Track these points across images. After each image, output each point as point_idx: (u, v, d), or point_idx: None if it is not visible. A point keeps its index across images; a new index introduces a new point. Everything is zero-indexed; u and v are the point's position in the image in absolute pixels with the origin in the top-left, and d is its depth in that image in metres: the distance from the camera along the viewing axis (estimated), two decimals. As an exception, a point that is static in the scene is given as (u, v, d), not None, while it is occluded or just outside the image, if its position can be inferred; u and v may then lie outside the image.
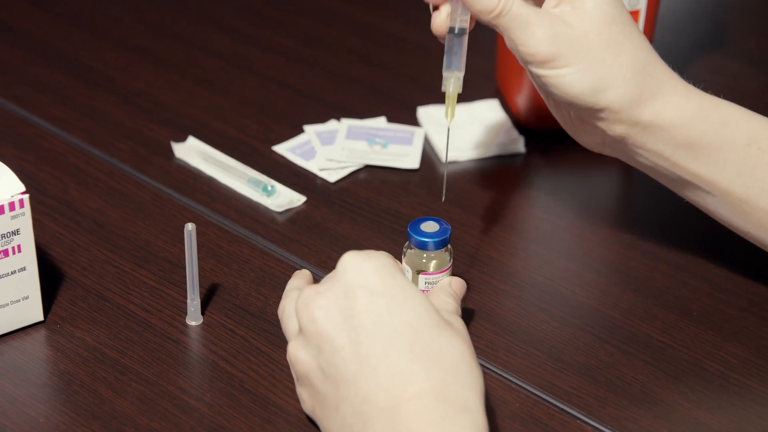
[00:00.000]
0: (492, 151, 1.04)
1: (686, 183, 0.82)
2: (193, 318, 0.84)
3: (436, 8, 0.80)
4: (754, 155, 0.79)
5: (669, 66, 0.81)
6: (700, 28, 1.31)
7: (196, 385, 0.78)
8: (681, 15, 1.32)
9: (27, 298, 0.81)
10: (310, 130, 1.06)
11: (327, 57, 1.20)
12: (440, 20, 0.80)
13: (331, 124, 1.07)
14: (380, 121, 1.08)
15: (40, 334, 0.82)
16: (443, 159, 1.03)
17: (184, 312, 0.84)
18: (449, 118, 0.82)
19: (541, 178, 1.03)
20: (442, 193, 0.87)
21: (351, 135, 1.05)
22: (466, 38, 0.81)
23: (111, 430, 0.75)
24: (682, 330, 0.85)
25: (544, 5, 0.79)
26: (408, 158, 1.02)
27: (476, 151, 1.04)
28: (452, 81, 0.81)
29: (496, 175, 1.02)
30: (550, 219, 0.97)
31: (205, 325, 0.84)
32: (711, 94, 0.81)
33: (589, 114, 0.80)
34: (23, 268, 0.80)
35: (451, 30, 0.80)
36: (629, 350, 0.83)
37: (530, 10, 0.78)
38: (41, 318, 0.83)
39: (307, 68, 1.17)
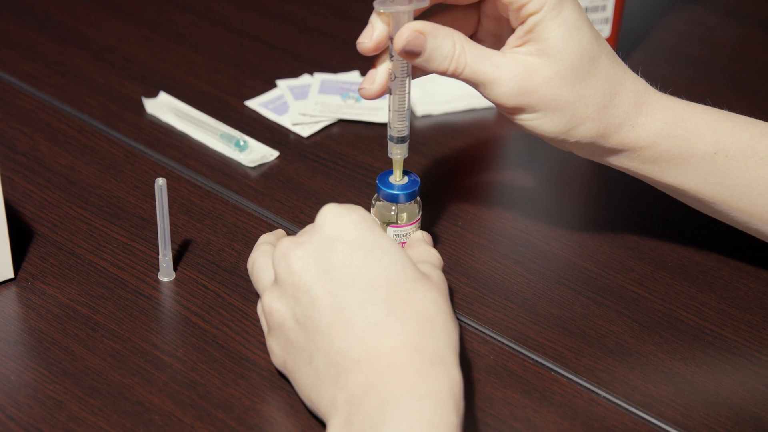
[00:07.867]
0: (466, 104, 1.03)
1: (658, 185, 0.82)
2: (166, 274, 0.83)
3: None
4: (721, 163, 0.79)
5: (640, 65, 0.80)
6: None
7: (169, 341, 0.78)
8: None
9: (-3, 255, 0.81)
10: (282, 84, 1.05)
11: (301, 11, 1.18)
12: (380, 81, 0.77)
13: (304, 79, 1.06)
14: (354, 75, 1.07)
15: (11, 292, 0.81)
16: (417, 113, 1.02)
17: (156, 268, 0.84)
18: (398, 179, 0.81)
19: (516, 131, 1.02)
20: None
21: (324, 89, 1.04)
22: (408, 109, 0.79)
23: (83, 387, 0.74)
24: (657, 281, 0.85)
25: (509, 41, 0.76)
26: (382, 112, 1.01)
27: (450, 104, 1.03)
28: (397, 150, 0.80)
29: (469, 129, 1.01)
30: (524, 172, 0.97)
31: (177, 281, 0.83)
32: (670, 92, 0.80)
33: (558, 144, 0.79)
34: (-8, 225, 0.79)
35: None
36: (604, 302, 0.83)
37: (487, 66, 0.75)
38: (12, 275, 0.82)
39: (281, 23, 1.16)
